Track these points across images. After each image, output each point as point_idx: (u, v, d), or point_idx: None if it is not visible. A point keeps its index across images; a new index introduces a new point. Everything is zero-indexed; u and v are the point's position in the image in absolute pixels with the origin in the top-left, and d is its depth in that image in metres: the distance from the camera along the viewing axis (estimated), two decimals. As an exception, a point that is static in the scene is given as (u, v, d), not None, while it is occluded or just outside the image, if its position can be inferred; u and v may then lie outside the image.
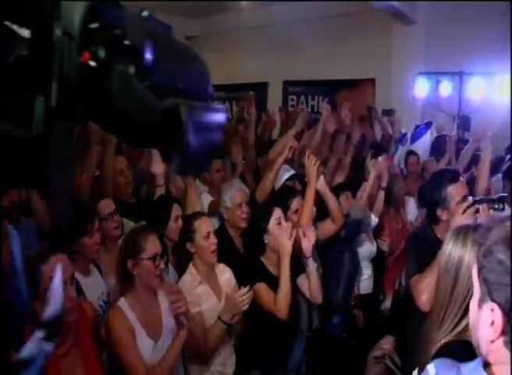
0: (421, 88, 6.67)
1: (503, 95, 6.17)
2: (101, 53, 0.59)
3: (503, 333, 0.89)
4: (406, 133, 5.68)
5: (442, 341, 1.42)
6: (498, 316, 0.89)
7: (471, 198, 2.43)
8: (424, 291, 2.12)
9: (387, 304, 3.76)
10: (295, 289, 2.78)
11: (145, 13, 0.69)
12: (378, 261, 3.70)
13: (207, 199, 3.49)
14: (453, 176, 2.51)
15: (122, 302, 2.14)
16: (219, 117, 0.78)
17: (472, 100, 6.34)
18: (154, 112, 0.65)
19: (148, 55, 0.62)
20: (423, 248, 2.36)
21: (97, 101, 0.62)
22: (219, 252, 2.58)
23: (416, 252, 2.43)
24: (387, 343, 2.77)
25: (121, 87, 0.61)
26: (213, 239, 2.53)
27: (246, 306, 2.35)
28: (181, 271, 2.61)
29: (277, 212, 2.79)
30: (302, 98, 8.80)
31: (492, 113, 5.64)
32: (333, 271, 3.25)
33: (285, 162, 3.46)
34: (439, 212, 2.45)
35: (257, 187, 3.43)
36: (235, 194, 3.07)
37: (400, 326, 2.69)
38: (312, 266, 2.81)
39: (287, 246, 2.61)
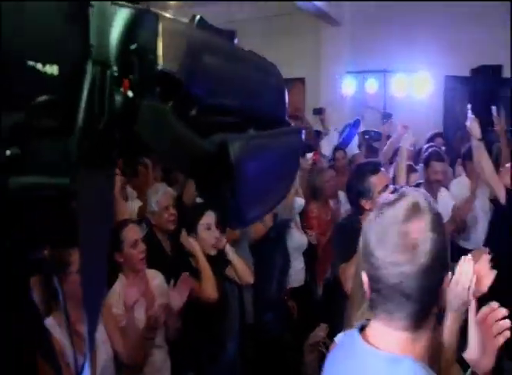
0: (349, 86, 6.91)
1: (423, 91, 6.55)
2: (137, 80, 0.48)
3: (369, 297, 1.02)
4: (334, 129, 5.90)
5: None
6: (366, 283, 1.01)
7: (392, 186, 2.56)
8: (351, 277, 2.22)
9: (319, 293, 3.87)
10: (222, 280, 2.82)
11: (197, 18, 0.57)
12: (310, 252, 3.80)
13: (138, 205, 3.46)
14: (374, 168, 2.64)
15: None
16: (291, 150, 0.62)
17: (396, 96, 6.65)
18: (197, 154, 0.53)
19: (191, 84, 0.50)
20: (349, 237, 2.46)
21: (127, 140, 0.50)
22: (148, 257, 2.57)
23: (342, 242, 2.54)
24: (321, 330, 2.88)
25: (151, 125, 0.49)
26: (141, 246, 2.50)
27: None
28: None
29: (207, 218, 2.78)
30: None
31: (413, 107, 5.96)
32: (265, 269, 3.32)
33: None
34: (362, 202, 2.57)
35: (184, 190, 3.42)
36: (161, 197, 3.06)
37: (332, 313, 2.79)
38: (231, 252, 2.87)
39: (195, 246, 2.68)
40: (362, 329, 1.05)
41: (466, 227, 4.50)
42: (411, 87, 6.65)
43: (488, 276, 1.63)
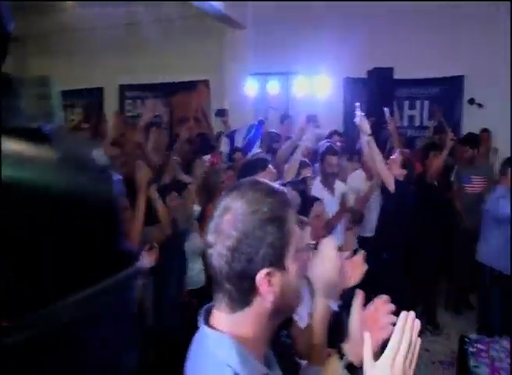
0: (252, 88, 7.03)
1: (324, 92, 6.81)
2: None
3: None
4: (234, 130, 5.98)
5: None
6: None
7: (278, 182, 2.64)
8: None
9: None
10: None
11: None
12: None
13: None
14: (262, 164, 2.72)
15: None
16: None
17: (298, 97, 6.85)
18: None
19: None
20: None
21: None
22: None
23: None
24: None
25: None
26: None
27: None
28: None
29: None
30: (139, 102, 8.76)
31: (315, 108, 6.17)
32: (164, 274, 3.30)
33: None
34: (250, 197, 2.62)
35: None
36: None
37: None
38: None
39: None
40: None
41: (363, 217, 4.75)
42: (313, 88, 6.88)
43: (359, 269, 1.69)
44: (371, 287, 3.28)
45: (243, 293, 1.01)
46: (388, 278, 3.94)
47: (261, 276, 0.99)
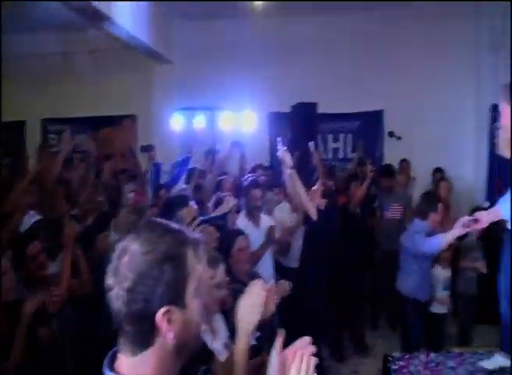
0: (178, 123, 7.07)
1: (249, 127, 6.97)
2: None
3: None
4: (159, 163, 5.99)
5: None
6: None
7: (200, 218, 2.67)
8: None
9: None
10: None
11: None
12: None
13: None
14: (183, 201, 2.74)
15: None
16: None
17: (224, 132, 6.96)
18: None
19: None
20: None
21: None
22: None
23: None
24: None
25: None
26: None
27: None
28: None
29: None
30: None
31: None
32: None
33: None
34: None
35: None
36: None
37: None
38: None
39: None
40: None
41: (290, 248, 4.85)
42: (238, 123, 7.02)
43: (272, 303, 1.75)
44: (296, 314, 3.36)
45: (143, 334, 1.01)
46: (313, 304, 4.04)
47: (160, 314, 1.00)
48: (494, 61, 7.38)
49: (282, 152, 4.19)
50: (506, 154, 2.68)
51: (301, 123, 6.65)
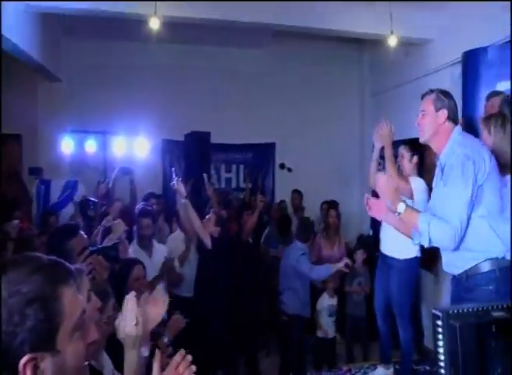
0: (68, 146, 6.82)
1: (142, 153, 6.92)
2: None
3: None
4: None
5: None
6: None
7: (90, 248, 2.61)
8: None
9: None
10: None
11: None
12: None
13: None
14: (72, 231, 2.66)
15: None
16: None
17: (116, 157, 6.82)
18: None
19: None
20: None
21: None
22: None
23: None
24: None
25: None
26: None
27: None
28: None
29: None
30: None
31: (133, 168, 6.18)
32: None
33: None
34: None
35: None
36: None
37: None
38: None
39: None
40: None
41: (182, 279, 4.85)
42: (131, 148, 6.93)
43: (159, 308, 1.78)
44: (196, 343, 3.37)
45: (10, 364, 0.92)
46: (212, 331, 4.09)
47: (22, 363, 0.92)
48: (375, 101, 8.11)
49: (177, 183, 4.26)
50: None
51: (194, 152, 6.71)
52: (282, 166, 8.07)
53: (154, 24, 4.99)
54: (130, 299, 1.66)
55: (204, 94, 7.55)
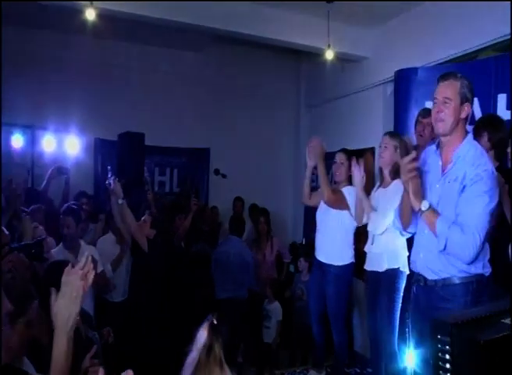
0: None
1: (74, 151, 6.72)
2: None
3: None
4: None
5: None
6: None
7: (11, 245, 2.52)
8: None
9: None
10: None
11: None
12: None
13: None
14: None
15: None
16: None
17: (46, 153, 6.58)
18: None
19: None
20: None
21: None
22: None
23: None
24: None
25: None
26: None
27: None
28: None
29: None
30: None
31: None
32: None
33: None
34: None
35: None
36: None
37: None
38: None
39: None
40: None
41: (114, 285, 4.74)
42: (61, 146, 6.71)
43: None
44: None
45: None
46: (148, 336, 4.05)
47: None
48: (311, 113, 8.35)
49: (114, 182, 4.16)
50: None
51: (127, 153, 6.59)
52: (216, 172, 8.09)
53: (90, 15, 4.85)
54: (71, 273, 1.64)
55: (140, 95, 7.45)
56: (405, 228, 2.72)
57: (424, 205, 2.43)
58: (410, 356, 3.93)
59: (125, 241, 4.73)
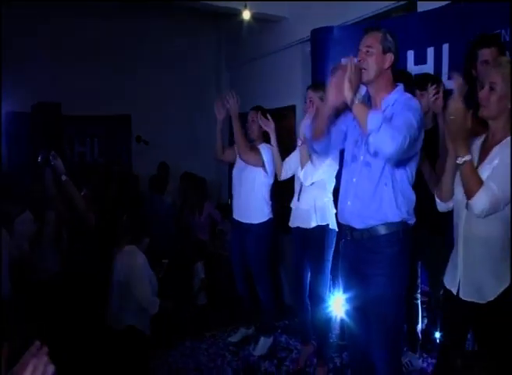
0: None
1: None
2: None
3: None
4: None
5: None
6: None
7: None
8: None
9: None
10: None
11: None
12: None
13: None
14: None
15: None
16: None
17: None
18: None
19: None
20: None
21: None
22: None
23: None
24: None
25: None
26: None
27: None
28: None
29: None
30: None
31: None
32: None
33: None
34: None
35: None
36: None
37: None
38: None
39: None
40: None
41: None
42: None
43: None
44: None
45: None
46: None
47: None
48: (231, 75, 8.37)
49: (53, 157, 3.98)
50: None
51: (43, 125, 6.35)
52: (138, 139, 7.96)
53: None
54: None
55: (53, 63, 7.12)
56: (315, 144, 2.69)
57: (358, 98, 2.32)
58: (337, 306, 4.25)
59: (51, 218, 4.56)
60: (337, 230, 3.47)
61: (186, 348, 4.26)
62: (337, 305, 4.20)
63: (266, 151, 4.05)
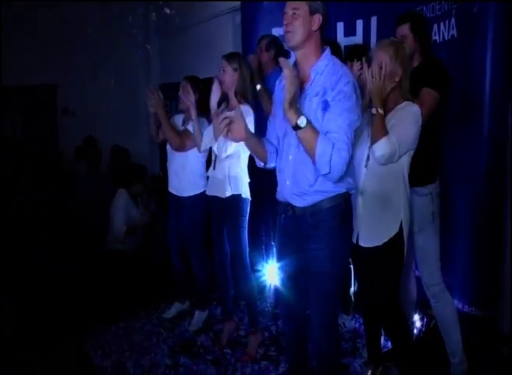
0: None
1: None
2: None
3: None
4: None
5: None
6: None
7: None
8: None
9: None
10: None
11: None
12: None
13: None
14: None
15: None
16: None
17: None
18: None
19: None
20: None
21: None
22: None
23: None
24: None
25: None
26: None
27: None
28: None
29: None
30: None
31: None
32: None
33: None
34: None
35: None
36: None
37: None
38: None
39: None
40: None
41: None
42: None
43: None
44: None
45: None
46: None
47: None
48: (161, 45, 8.13)
49: None
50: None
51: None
52: (65, 111, 7.62)
53: None
54: None
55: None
56: (270, 164, 2.63)
57: (302, 121, 2.20)
58: (271, 275, 4.31)
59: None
60: (250, 199, 3.55)
61: (119, 328, 4.19)
62: (271, 274, 4.27)
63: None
